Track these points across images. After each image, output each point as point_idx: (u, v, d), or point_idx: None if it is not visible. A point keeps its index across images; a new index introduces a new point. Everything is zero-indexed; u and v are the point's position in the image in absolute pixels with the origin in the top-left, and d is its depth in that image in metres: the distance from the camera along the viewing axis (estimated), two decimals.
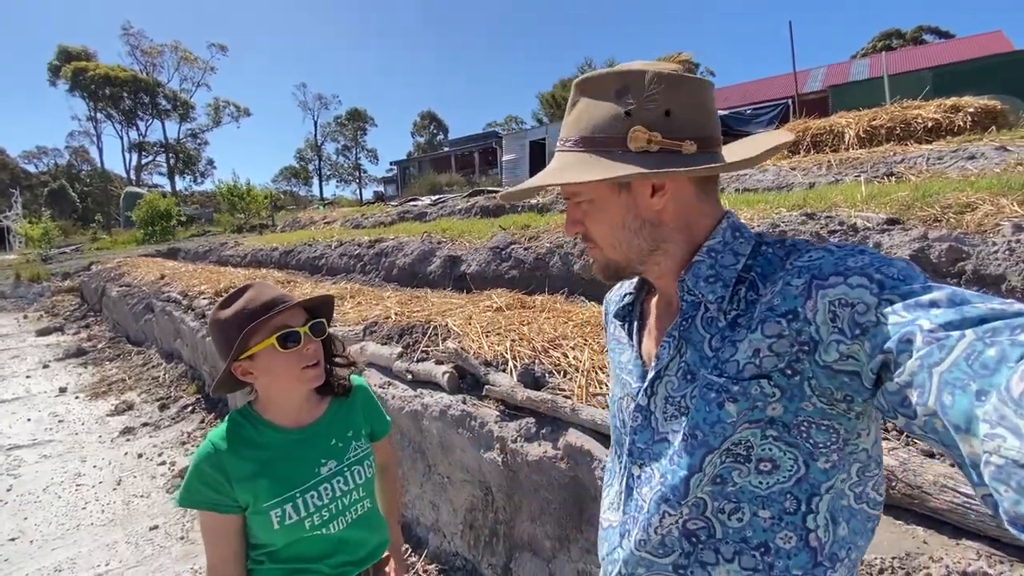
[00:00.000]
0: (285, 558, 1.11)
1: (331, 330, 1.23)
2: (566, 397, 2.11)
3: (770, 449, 0.60)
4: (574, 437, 1.93)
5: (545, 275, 4.63)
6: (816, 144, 6.72)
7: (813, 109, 9.61)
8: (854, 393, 0.55)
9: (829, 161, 5.44)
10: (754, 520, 0.63)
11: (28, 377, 6.81)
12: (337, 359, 1.25)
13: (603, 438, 1.89)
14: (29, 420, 5.16)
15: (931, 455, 1.44)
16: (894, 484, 1.34)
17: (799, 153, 6.67)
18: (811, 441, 0.59)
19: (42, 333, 9.72)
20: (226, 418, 1.15)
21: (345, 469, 1.18)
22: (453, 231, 6.39)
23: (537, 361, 2.44)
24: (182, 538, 3.08)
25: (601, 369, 2.27)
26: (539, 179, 0.70)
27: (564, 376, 2.30)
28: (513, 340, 2.69)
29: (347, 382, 1.27)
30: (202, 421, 4.78)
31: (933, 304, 0.47)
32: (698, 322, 0.67)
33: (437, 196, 14.11)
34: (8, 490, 3.74)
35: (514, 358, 2.51)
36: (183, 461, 4.02)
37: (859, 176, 4.82)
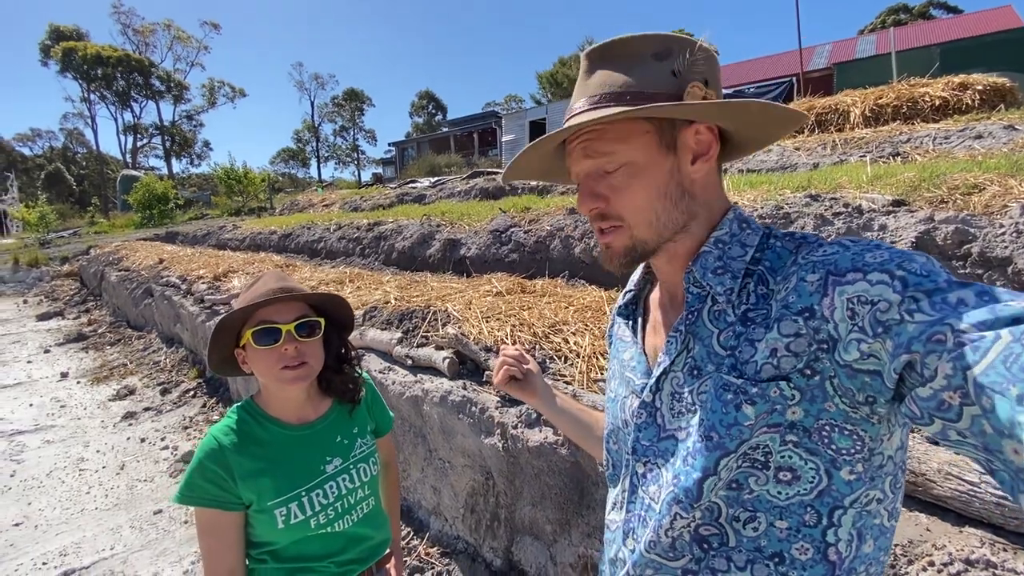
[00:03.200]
0: (288, 557, 1.08)
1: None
2: (567, 383, 2.10)
3: (790, 457, 0.58)
4: None
5: (545, 258, 4.60)
6: (821, 123, 6.61)
7: (818, 87, 9.45)
8: (876, 394, 0.52)
9: (834, 141, 5.36)
10: (770, 530, 0.60)
11: (29, 362, 6.83)
12: (346, 367, 1.21)
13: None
14: (31, 405, 5.18)
15: (936, 442, 1.42)
16: None
17: (803, 133, 6.57)
18: (833, 447, 0.56)
19: (42, 318, 9.73)
20: (229, 412, 1.13)
21: (351, 467, 1.16)
22: (452, 214, 6.32)
23: (538, 347, 2.42)
24: (186, 522, 3.10)
25: (602, 355, 2.26)
26: (569, 124, 0.64)
27: (565, 362, 2.29)
28: (513, 325, 2.67)
29: (354, 393, 1.22)
30: (204, 406, 4.79)
31: (961, 302, 0.45)
32: (705, 316, 0.65)
33: (436, 178, 13.99)
34: (11, 475, 3.77)
35: (515, 343, 2.49)
36: (186, 445, 4.04)
37: (864, 156, 4.75)
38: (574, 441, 1.56)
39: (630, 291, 0.81)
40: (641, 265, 0.79)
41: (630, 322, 0.79)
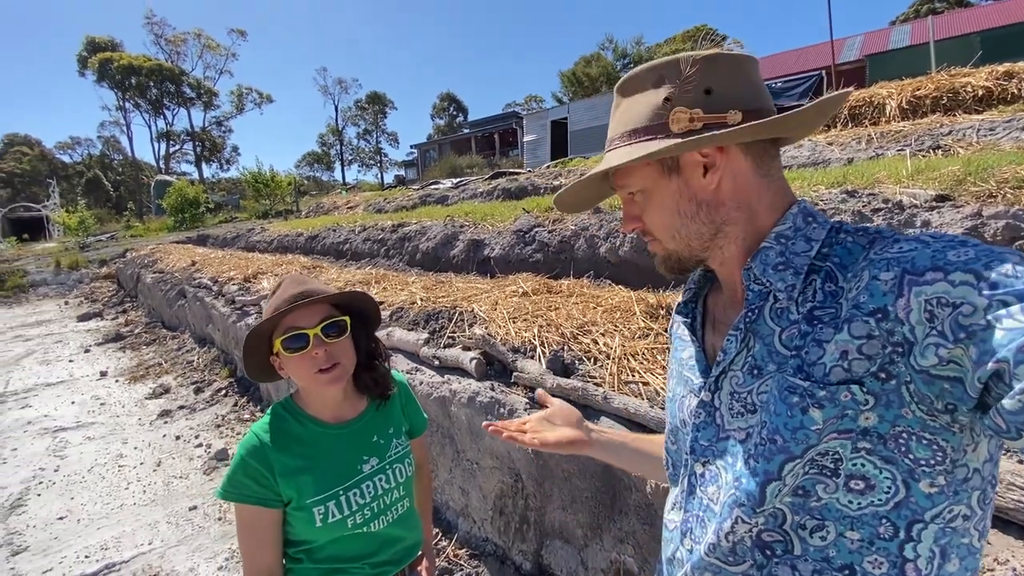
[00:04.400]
0: (324, 557, 1.09)
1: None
2: (597, 385, 2.07)
3: (863, 465, 0.54)
4: (606, 426, 1.89)
5: (570, 258, 4.56)
6: (854, 117, 6.40)
7: (850, 80, 9.18)
8: (957, 402, 0.48)
9: (869, 135, 5.18)
10: (840, 540, 0.56)
11: (71, 361, 7.10)
12: (376, 362, 1.20)
13: (636, 427, 1.84)
14: (73, 403, 5.38)
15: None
16: None
17: (836, 127, 6.37)
18: (911, 456, 0.52)
19: (82, 318, 10.10)
20: (269, 410, 1.14)
21: (387, 467, 1.16)
22: (476, 214, 6.33)
23: (566, 348, 2.39)
24: (220, 518, 3.17)
25: (632, 356, 2.21)
26: (588, 175, 0.73)
27: (594, 363, 2.25)
28: (541, 326, 2.64)
29: (384, 388, 1.21)
30: (235, 404, 4.90)
31: None
32: (766, 313, 0.62)
33: (458, 179, 14.07)
34: (56, 471, 3.91)
35: (542, 344, 2.46)
36: (218, 443, 4.13)
37: (902, 150, 4.57)
38: (643, 476, 1.54)
39: (689, 289, 0.79)
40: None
41: (689, 320, 0.77)
